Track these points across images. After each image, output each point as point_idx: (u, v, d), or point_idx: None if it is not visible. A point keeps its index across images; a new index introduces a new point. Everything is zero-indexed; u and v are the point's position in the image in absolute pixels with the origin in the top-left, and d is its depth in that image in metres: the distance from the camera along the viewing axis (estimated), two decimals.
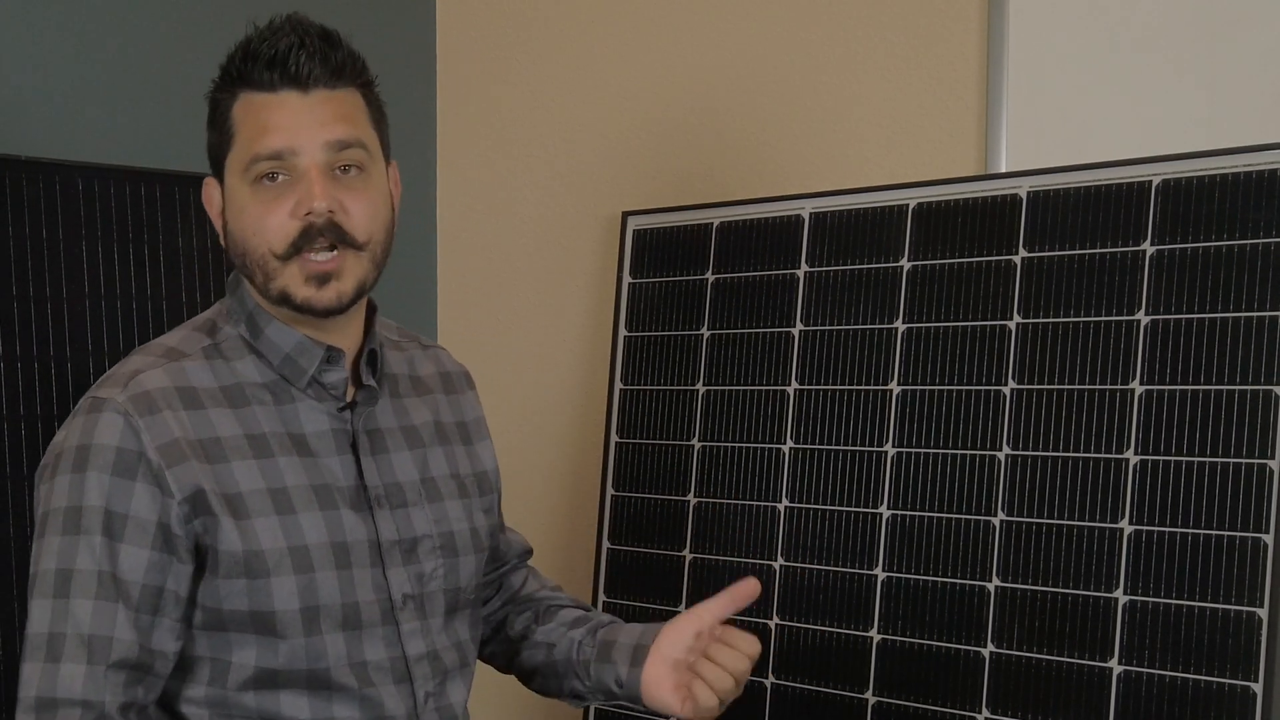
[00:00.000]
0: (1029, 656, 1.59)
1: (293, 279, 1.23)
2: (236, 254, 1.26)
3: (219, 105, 1.26)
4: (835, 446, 1.78)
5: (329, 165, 1.22)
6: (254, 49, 1.22)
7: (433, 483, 1.35)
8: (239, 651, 1.22)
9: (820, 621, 1.77)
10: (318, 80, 1.22)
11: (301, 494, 1.24)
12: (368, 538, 1.27)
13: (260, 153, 1.21)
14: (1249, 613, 1.46)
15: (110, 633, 1.17)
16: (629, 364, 2.04)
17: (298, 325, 1.28)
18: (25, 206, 1.76)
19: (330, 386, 1.29)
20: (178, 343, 1.28)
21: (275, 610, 1.21)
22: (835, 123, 2.03)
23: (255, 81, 1.22)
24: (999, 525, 1.63)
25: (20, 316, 1.74)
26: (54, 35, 1.91)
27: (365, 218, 1.24)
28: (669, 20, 2.20)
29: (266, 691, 1.23)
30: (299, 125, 1.21)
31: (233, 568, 1.20)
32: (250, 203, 1.23)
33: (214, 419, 1.23)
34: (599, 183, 2.27)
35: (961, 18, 1.91)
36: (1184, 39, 1.75)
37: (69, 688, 1.15)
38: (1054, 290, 1.63)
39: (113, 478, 1.18)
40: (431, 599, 1.31)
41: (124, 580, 1.18)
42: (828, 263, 1.83)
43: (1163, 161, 1.58)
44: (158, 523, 1.18)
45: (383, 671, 1.26)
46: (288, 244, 1.22)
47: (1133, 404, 1.56)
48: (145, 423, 1.19)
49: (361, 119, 1.26)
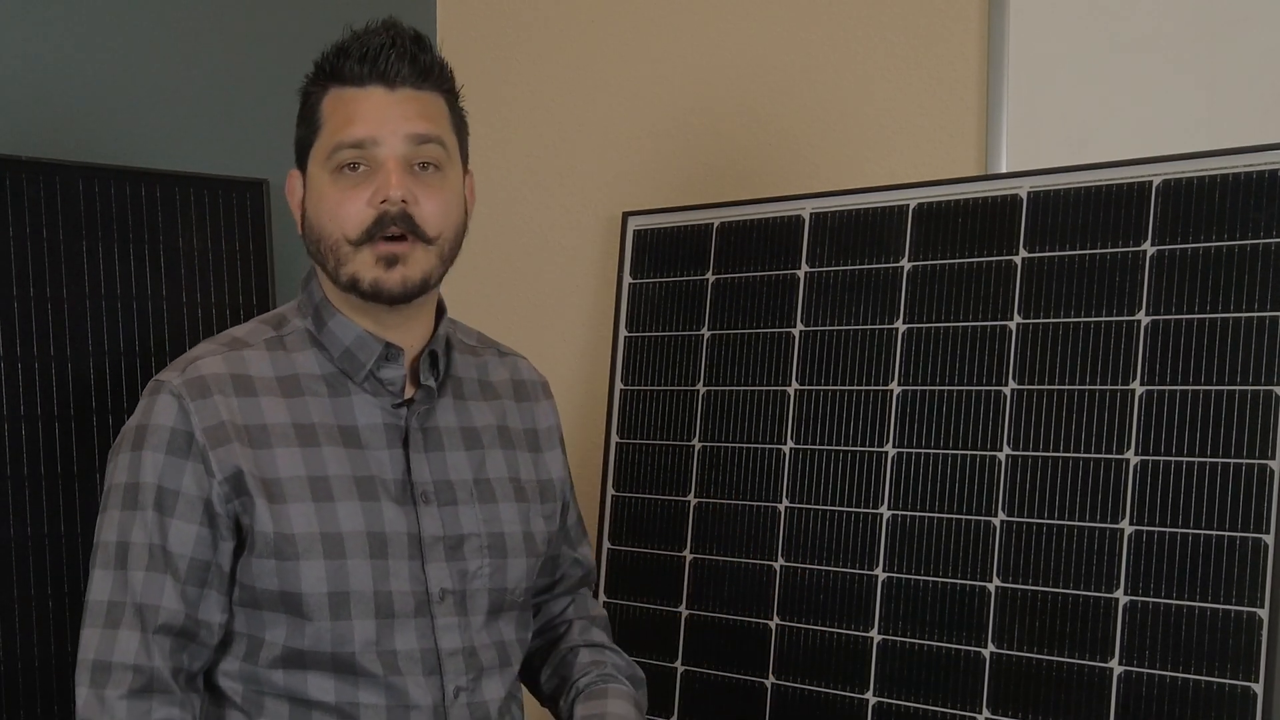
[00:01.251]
0: (1029, 657, 1.59)
1: (363, 264, 1.27)
2: (312, 240, 1.32)
3: (309, 99, 1.32)
4: (836, 447, 1.78)
5: (408, 159, 1.27)
6: (347, 46, 1.29)
7: (487, 484, 1.37)
8: (271, 630, 1.27)
9: (820, 622, 1.77)
10: (405, 79, 1.28)
11: (342, 483, 1.28)
12: (408, 531, 1.30)
13: (343, 141, 1.27)
14: (1249, 613, 1.46)
15: (158, 601, 1.24)
16: (629, 364, 2.04)
17: (361, 319, 1.32)
18: (25, 206, 1.76)
19: (387, 382, 1.33)
20: (245, 333, 1.35)
21: (303, 592, 1.25)
22: (835, 123, 2.03)
23: (345, 76, 1.28)
24: (999, 526, 1.63)
25: (20, 316, 1.74)
26: (54, 35, 1.91)
27: (438, 214, 1.29)
28: (669, 21, 2.20)
29: (295, 671, 1.28)
30: (383, 117, 1.27)
31: (264, 548, 1.25)
32: (329, 190, 1.28)
33: (264, 406, 1.29)
34: (599, 183, 2.27)
35: (962, 18, 1.91)
36: (1184, 39, 1.75)
37: (124, 652, 1.23)
38: (1054, 291, 1.63)
39: (166, 456, 1.26)
40: (475, 596, 1.33)
41: (173, 553, 1.25)
42: (828, 263, 1.83)
43: (1163, 162, 1.58)
44: (205, 500, 1.26)
45: (412, 661, 1.29)
46: (361, 230, 1.27)
47: (1133, 404, 1.56)
48: (196, 405, 1.26)
49: (443, 121, 1.31)
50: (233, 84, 2.11)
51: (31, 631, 1.73)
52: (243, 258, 1.98)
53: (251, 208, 1.99)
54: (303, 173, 1.34)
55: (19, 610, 1.72)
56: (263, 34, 2.15)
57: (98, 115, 1.96)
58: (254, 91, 2.14)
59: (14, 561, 1.72)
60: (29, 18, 1.88)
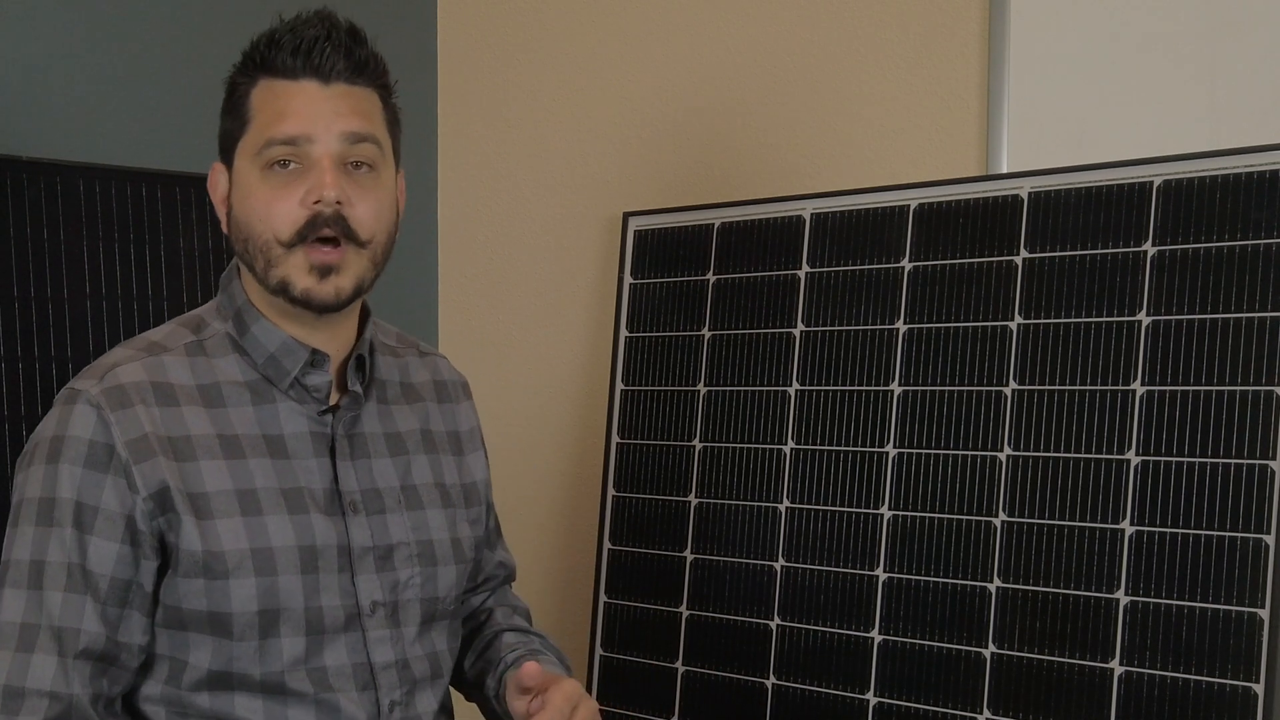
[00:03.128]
0: (1030, 657, 1.59)
1: (295, 268, 1.22)
2: (239, 239, 1.25)
3: (237, 90, 1.26)
4: (836, 447, 1.78)
5: (342, 158, 1.22)
6: (280, 37, 1.22)
7: (414, 490, 1.33)
8: (195, 651, 1.21)
9: (821, 622, 1.77)
10: (339, 74, 1.22)
11: (270, 496, 1.22)
12: (338, 543, 1.25)
13: (275, 137, 1.20)
14: (1250, 613, 1.46)
15: (79, 624, 1.16)
16: (630, 364, 2.03)
17: (286, 324, 1.27)
18: (25, 206, 1.76)
19: (313, 389, 1.27)
20: (162, 337, 1.28)
21: (232, 612, 1.19)
22: (836, 123, 2.03)
23: (278, 68, 1.22)
24: (1000, 526, 1.63)
25: (20, 316, 1.74)
26: (54, 36, 1.91)
27: (371, 216, 1.23)
28: (670, 21, 2.20)
29: (221, 693, 1.22)
30: (317, 113, 1.21)
31: (192, 567, 1.19)
32: (259, 188, 1.22)
33: (187, 417, 1.22)
34: (600, 183, 2.27)
35: (962, 18, 1.91)
36: (1184, 39, 1.75)
37: (38, 678, 1.15)
38: (1055, 291, 1.63)
39: (84, 470, 1.18)
40: (406, 607, 1.29)
41: (93, 573, 1.17)
42: (829, 263, 1.83)
43: (1163, 162, 1.58)
44: (127, 516, 1.18)
45: (344, 677, 1.24)
46: (294, 231, 1.21)
47: (1133, 405, 1.56)
48: (116, 416, 1.19)
49: (378, 119, 1.26)
50: None
51: None
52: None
53: None
54: (228, 167, 1.27)
55: None
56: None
57: (98, 115, 1.96)
58: None
59: None
60: (29, 18, 1.88)
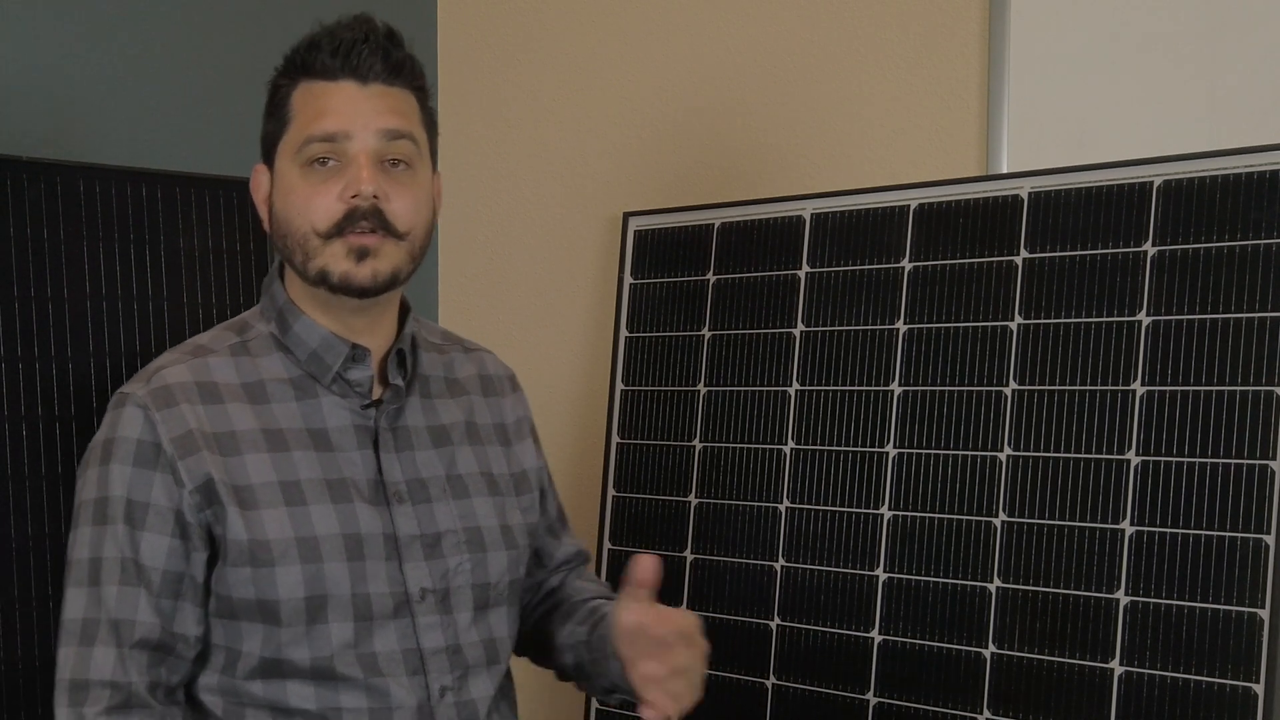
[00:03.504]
0: (1030, 657, 1.60)
1: (333, 257, 1.26)
2: (280, 235, 1.30)
3: (278, 92, 1.31)
4: (836, 447, 1.78)
5: (379, 154, 1.26)
6: (319, 40, 1.27)
7: (460, 479, 1.36)
8: (248, 640, 1.26)
9: (821, 622, 1.77)
10: (377, 75, 1.27)
11: (314, 487, 1.27)
12: (383, 531, 1.29)
13: (314, 134, 1.26)
14: (1250, 614, 1.46)
15: (133, 616, 1.23)
16: (630, 365, 2.03)
17: (327, 321, 1.31)
18: (25, 207, 1.76)
19: (355, 383, 1.32)
20: (208, 340, 1.34)
21: (279, 599, 1.24)
22: (836, 123, 2.03)
23: (317, 70, 1.27)
24: (1000, 526, 1.63)
25: (20, 316, 1.74)
26: (54, 35, 1.91)
27: (408, 210, 1.28)
28: (670, 21, 2.20)
29: (274, 680, 1.26)
30: (355, 111, 1.26)
31: (239, 556, 1.24)
32: (299, 184, 1.27)
33: (231, 413, 1.27)
34: (600, 183, 2.27)
35: (962, 18, 1.91)
36: (1185, 39, 1.75)
37: (100, 669, 1.22)
38: (1055, 291, 1.63)
39: (134, 469, 1.24)
40: (458, 594, 1.32)
41: (145, 566, 1.24)
42: (829, 263, 1.83)
43: (1164, 162, 1.58)
44: (175, 510, 1.24)
45: (394, 662, 1.27)
46: (331, 224, 1.25)
47: (1133, 405, 1.56)
48: (162, 415, 1.25)
49: (414, 118, 1.31)
50: (233, 84, 2.11)
51: (32, 631, 1.73)
52: (243, 258, 1.98)
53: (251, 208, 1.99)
54: (269, 168, 1.32)
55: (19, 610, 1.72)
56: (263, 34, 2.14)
57: (98, 115, 1.96)
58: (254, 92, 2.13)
59: (14, 561, 1.72)
60: (29, 18, 1.88)
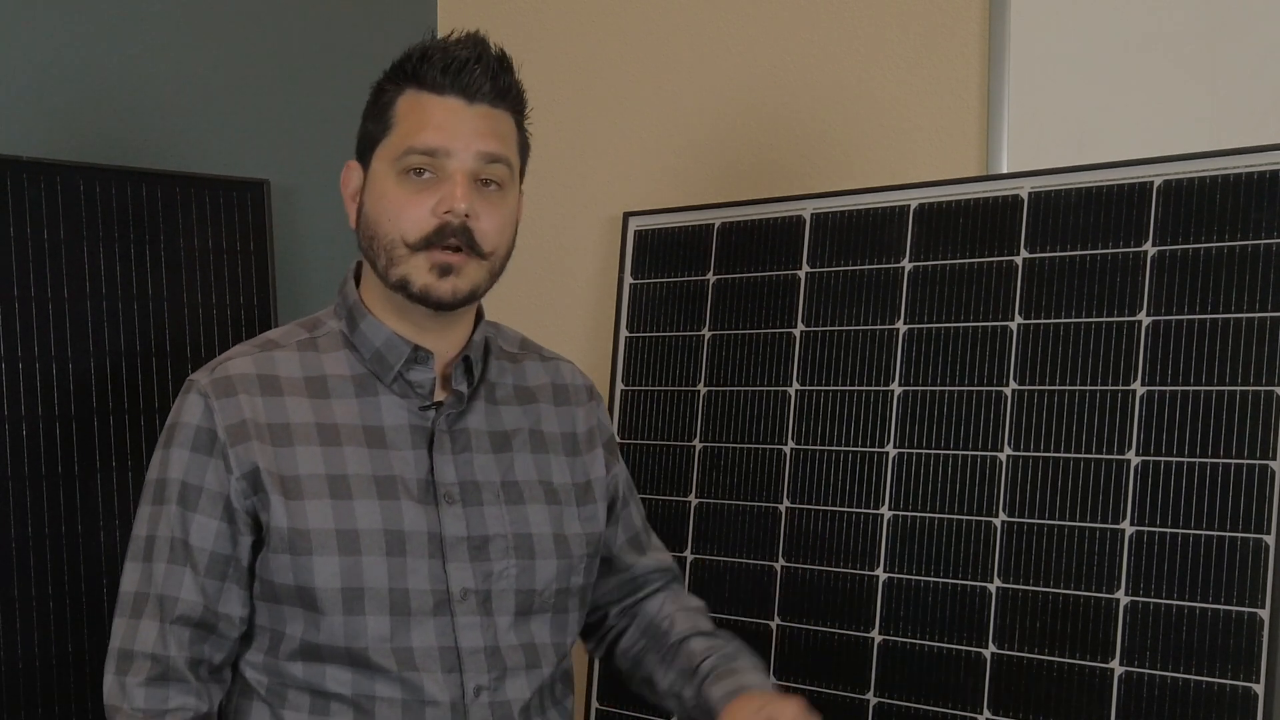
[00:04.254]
0: (1030, 657, 1.60)
1: (416, 268, 1.29)
2: (365, 235, 1.33)
3: (383, 95, 1.34)
4: (836, 447, 1.78)
5: (475, 174, 1.30)
6: (432, 53, 1.31)
7: (515, 486, 1.38)
8: (290, 624, 1.30)
9: (821, 622, 1.77)
10: (484, 96, 1.31)
11: (361, 482, 1.30)
12: (428, 530, 1.31)
13: (416, 145, 1.28)
14: (1250, 614, 1.46)
15: (177, 593, 1.29)
16: (630, 365, 2.04)
17: (397, 323, 1.34)
18: (25, 206, 1.76)
19: (416, 384, 1.35)
20: (278, 335, 1.38)
21: (316, 587, 1.28)
22: (836, 123, 2.03)
23: (426, 82, 1.31)
24: (1000, 526, 1.64)
25: (20, 316, 1.74)
26: (54, 36, 1.91)
27: (496, 230, 1.31)
28: (670, 22, 2.20)
29: (313, 664, 1.30)
30: (459, 130, 1.29)
31: (279, 543, 1.28)
32: (394, 190, 1.30)
33: (289, 406, 1.32)
34: (600, 183, 2.27)
35: (963, 18, 1.91)
36: (1185, 39, 1.75)
37: (144, 641, 1.29)
38: (1055, 291, 1.63)
39: (191, 453, 1.30)
40: (501, 597, 1.34)
41: (194, 547, 1.29)
42: (829, 263, 1.83)
43: (1164, 162, 1.58)
44: (225, 496, 1.29)
45: (430, 658, 1.30)
46: (420, 236, 1.28)
47: (1134, 405, 1.56)
48: (220, 404, 1.30)
49: (512, 142, 1.34)
50: (233, 84, 2.11)
51: (32, 631, 1.73)
52: (243, 258, 1.98)
53: (252, 208, 1.99)
54: (364, 166, 1.35)
55: (19, 610, 1.72)
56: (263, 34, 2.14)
57: (98, 115, 1.96)
58: (254, 92, 2.14)
59: (14, 561, 1.72)
60: (30, 18, 1.88)
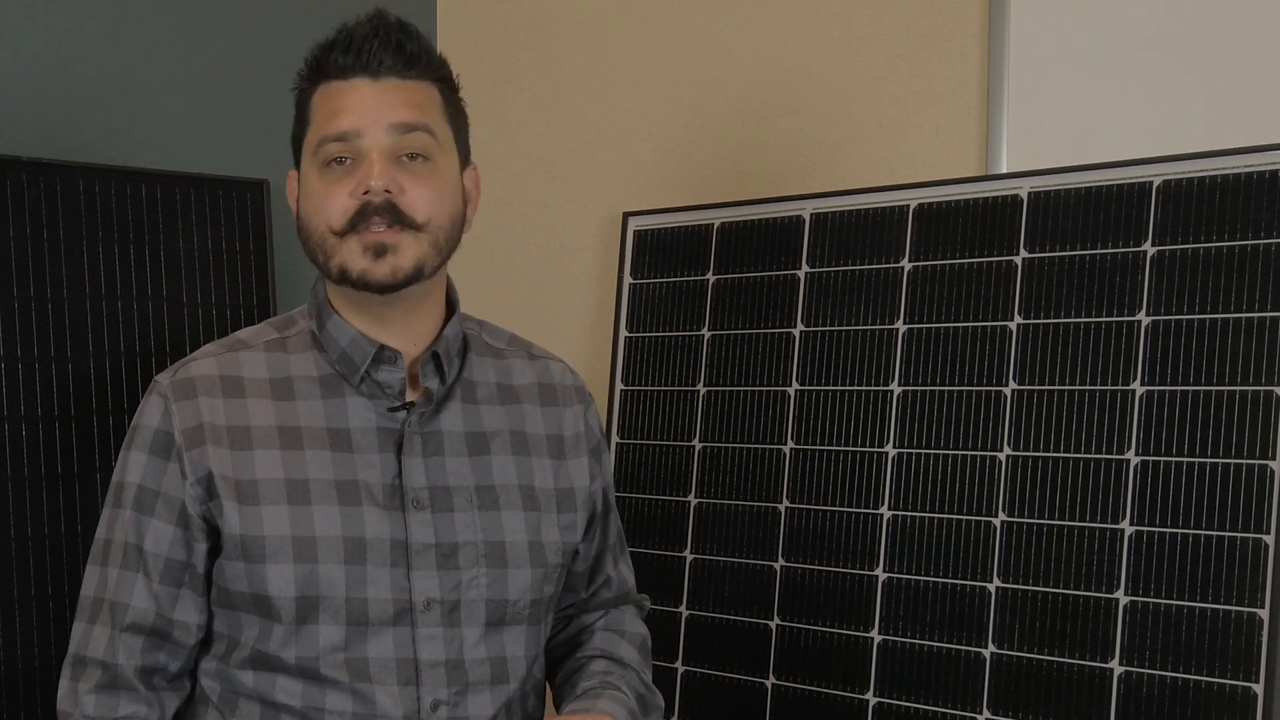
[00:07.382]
0: (1030, 657, 1.60)
1: (350, 253, 1.25)
2: (304, 237, 1.30)
3: (301, 96, 1.32)
4: (836, 447, 1.78)
5: (393, 150, 1.25)
6: (333, 40, 1.28)
7: (490, 490, 1.32)
8: (245, 631, 1.27)
9: (821, 622, 1.77)
10: (390, 69, 1.26)
11: (322, 487, 1.26)
12: (392, 537, 1.26)
13: (328, 134, 1.26)
14: (1250, 613, 1.46)
15: (128, 600, 1.26)
16: (629, 365, 2.03)
17: (360, 321, 1.30)
18: (25, 207, 1.76)
19: (384, 385, 1.30)
20: (248, 335, 1.35)
21: (271, 595, 1.24)
22: (836, 123, 2.03)
23: (332, 70, 1.28)
24: (1000, 526, 1.63)
25: (20, 316, 1.74)
26: (54, 35, 1.91)
27: (427, 202, 1.26)
28: (670, 22, 2.20)
29: (263, 673, 1.26)
30: (365, 108, 1.25)
31: (233, 550, 1.25)
32: (317, 185, 1.27)
33: (250, 408, 1.28)
34: (599, 183, 2.27)
35: (962, 18, 1.91)
36: (1184, 39, 1.75)
37: (95, 648, 1.27)
38: (1055, 291, 1.63)
39: (149, 456, 1.27)
40: (470, 607, 1.28)
41: (148, 553, 1.26)
42: (828, 263, 1.83)
43: (1163, 162, 1.58)
44: (180, 501, 1.26)
45: (386, 670, 1.25)
46: (344, 221, 1.25)
47: (1133, 405, 1.56)
48: (179, 406, 1.27)
49: (432, 109, 1.29)
50: (233, 84, 2.11)
51: (32, 631, 1.73)
52: (243, 258, 1.98)
53: (251, 208, 1.99)
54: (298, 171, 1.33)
55: (19, 610, 1.72)
56: (262, 34, 2.15)
57: (98, 115, 1.96)
58: (254, 91, 2.14)
59: (14, 561, 1.72)
60: (29, 18, 1.88)
